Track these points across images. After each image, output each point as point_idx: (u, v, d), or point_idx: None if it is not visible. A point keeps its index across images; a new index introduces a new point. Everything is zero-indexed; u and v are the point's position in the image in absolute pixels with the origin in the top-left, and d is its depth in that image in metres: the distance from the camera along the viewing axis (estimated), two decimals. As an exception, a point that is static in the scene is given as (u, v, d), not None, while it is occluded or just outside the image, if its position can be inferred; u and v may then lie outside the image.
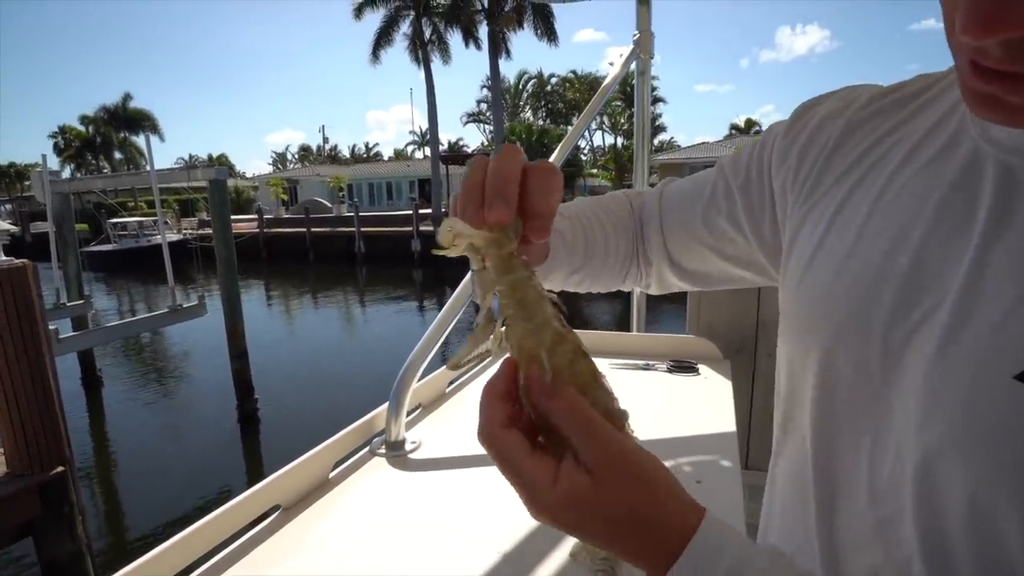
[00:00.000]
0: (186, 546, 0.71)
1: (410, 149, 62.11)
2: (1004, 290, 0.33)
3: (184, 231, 26.62)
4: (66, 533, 4.45)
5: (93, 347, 10.05)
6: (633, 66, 1.93)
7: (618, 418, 0.37)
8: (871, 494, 0.39)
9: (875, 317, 0.39)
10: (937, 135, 0.42)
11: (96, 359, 10.72)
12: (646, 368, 1.48)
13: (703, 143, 34.60)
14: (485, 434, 0.36)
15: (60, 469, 4.35)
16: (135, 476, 7.71)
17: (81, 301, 9.88)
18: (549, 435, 0.36)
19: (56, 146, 47.79)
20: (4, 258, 4.26)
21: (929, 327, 0.36)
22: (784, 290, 0.51)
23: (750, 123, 47.15)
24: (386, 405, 1.06)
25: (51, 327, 5.93)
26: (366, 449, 1.04)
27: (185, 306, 8.69)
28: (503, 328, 0.37)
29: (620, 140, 39.49)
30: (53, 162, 45.86)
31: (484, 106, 45.36)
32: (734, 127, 48.70)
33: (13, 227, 28.94)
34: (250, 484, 0.82)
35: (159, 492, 6.97)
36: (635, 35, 1.90)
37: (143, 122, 47.01)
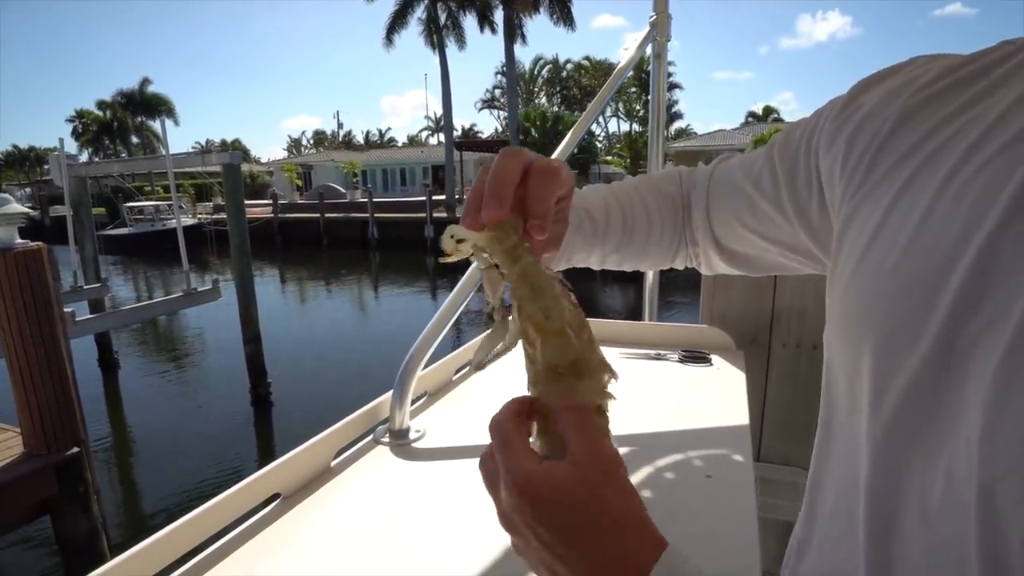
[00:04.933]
0: (184, 534, 0.70)
1: (424, 135, 62.07)
2: None
3: (199, 215, 26.85)
4: (82, 512, 4.54)
5: (109, 330, 10.19)
6: (649, 49, 1.88)
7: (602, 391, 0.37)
8: (922, 516, 0.35)
9: (933, 320, 0.35)
10: (1017, 114, 0.36)
11: (112, 341, 10.88)
12: (657, 358, 1.44)
13: (720, 130, 34.16)
14: (496, 420, 0.37)
15: (75, 450, 4.43)
16: (151, 456, 7.85)
17: (98, 284, 10.01)
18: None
19: (74, 130, 48.25)
20: (20, 241, 4.30)
21: (994, 335, 0.32)
22: (832, 288, 0.47)
23: (768, 110, 46.42)
24: (390, 393, 1.04)
25: (68, 309, 6.02)
26: (370, 437, 1.02)
27: (200, 290, 8.77)
28: (518, 315, 0.38)
29: (635, 127, 39.09)
30: (71, 146, 46.38)
31: (499, 92, 45.08)
32: (751, 114, 47.96)
33: (31, 210, 29.35)
34: (262, 467, 0.81)
35: (174, 472, 7.09)
36: (651, 17, 1.85)
37: (160, 107, 47.28)
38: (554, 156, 1.43)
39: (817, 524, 0.48)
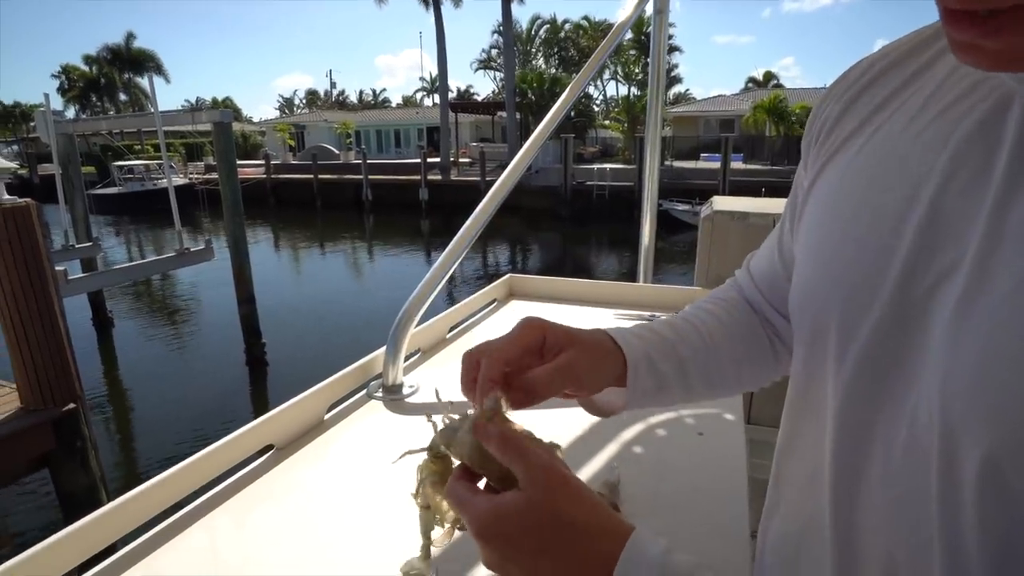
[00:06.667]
0: (177, 481, 0.70)
1: (419, 96, 60.77)
2: (1022, 247, 0.30)
3: (190, 175, 26.46)
4: (80, 466, 4.59)
5: (103, 288, 10.14)
6: (650, 7, 1.82)
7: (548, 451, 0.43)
8: (886, 470, 0.36)
9: (890, 275, 0.36)
10: (960, 77, 0.38)
11: (106, 301, 10.85)
12: (651, 320, 1.44)
13: (719, 96, 33.60)
14: (448, 488, 0.41)
15: (71, 406, 4.45)
16: (148, 413, 7.93)
17: (89, 243, 9.91)
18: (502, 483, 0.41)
19: (60, 86, 46.93)
20: (8, 197, 4.22)
21: (948, 287, 0.33)
22: (796, 265, 0.48)
23: (768, 76, 45.61)
24: (384, 349, 1.03)
25: (60, 268, 5.98)
26: (363, 392, 1.03)
27: (192, 250, 8.71)
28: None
29: (633, 90, 38.38)
30: (57, 103, 45.22)
31: (495, 52, 44.06)
32: (752, 80, 47.11)
33: (21, 169, 28.81)
34: (258, 423, 0.82)
35: (171, 430, 7.17)
36: (654, -31, 1.79)
37: (147, 63, 45.92)
38: (548, 117, 1.40)
39: (783, 488, 0.49)
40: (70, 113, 40.67)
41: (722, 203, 1.99)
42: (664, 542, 0.36)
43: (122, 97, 47.46)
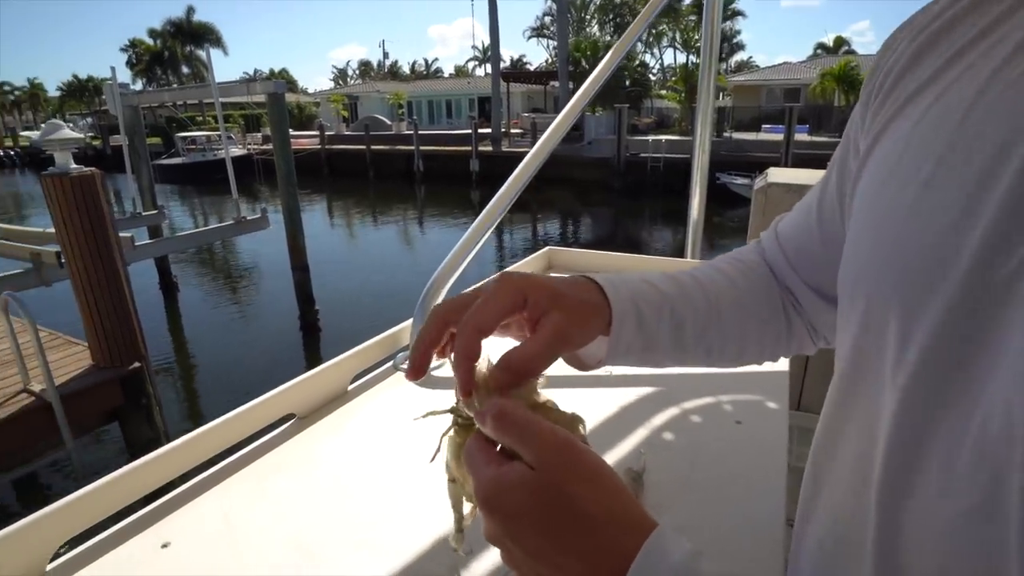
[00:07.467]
0: (195, 447, 0.70)
1: (471, 66, 60.36)
2: None
3: (248, 146, 27.26)
4: (146, 421, 4.90)
5: (167, 255, 10.65)
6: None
7: (570, 423, 0.39)
8: (947, 483, 0.31)
9: (964, 254, 0.30)
10: None
11: (171, 267, 11.42)
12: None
13: (785, 63, 31.91)
14: (465, 449, 0.38)
15: (136, 365, 4.72)
16: (209, 373, 8.39)
17: (155, 211, 10.38)
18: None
19: (128, 60, 48.95)
20: (75, 166, 4.43)
21: None
22: (848, 236, 0.42)
23: (840, 41, 42.93)
24: (411, 320, 1.02)
25: (128, 235, 6.29)
26: (389, 364, 1.01)
27: (249, 219, 8.99)
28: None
29: (692, 58, 36.89)
30: (126, 76, 47.28)
31: (549, 19, 43.10)
32: (821, 46, 44.41)
33: (94, 140, 30.34)
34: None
35: (229, 389, 7.55)
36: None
37: (208, 35, 47.34)
38: (591, 78, 1.33)
39: (822, 489, 0.44)
40: (138, 86, 42.47)
41: (778, 175, 1.87)
42: (690, 546, 0.31)
43: (184, 70, 49.16)
